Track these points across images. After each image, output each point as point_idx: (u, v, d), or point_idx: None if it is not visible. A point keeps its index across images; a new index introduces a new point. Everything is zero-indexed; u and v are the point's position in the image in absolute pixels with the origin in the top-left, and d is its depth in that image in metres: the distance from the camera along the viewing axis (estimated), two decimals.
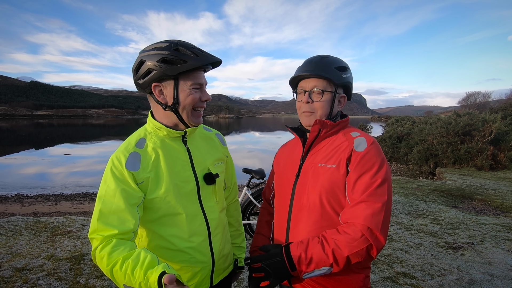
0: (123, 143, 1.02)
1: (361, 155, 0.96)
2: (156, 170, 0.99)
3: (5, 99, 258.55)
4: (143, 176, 0.96)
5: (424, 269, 2.83)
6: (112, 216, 0.90)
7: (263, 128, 58.00)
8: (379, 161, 0.96)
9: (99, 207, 0.91)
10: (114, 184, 0.92)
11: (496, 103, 34.67)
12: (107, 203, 0.91)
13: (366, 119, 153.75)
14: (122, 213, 0.90)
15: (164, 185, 0.98)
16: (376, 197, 0.91)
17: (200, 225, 1.05)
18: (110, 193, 0.92)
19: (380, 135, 16.40)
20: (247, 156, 17.14)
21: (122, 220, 0.90)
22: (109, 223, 0.89)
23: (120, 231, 0.89)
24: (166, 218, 1.01)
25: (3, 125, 59.75)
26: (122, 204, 0.91)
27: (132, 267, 0.80)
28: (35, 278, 2.48)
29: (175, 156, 1.04)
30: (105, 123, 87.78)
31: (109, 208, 0.90)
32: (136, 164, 0.97)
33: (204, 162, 1.10)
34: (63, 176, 11.25)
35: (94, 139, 29.49)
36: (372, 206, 0.89)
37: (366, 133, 1.05)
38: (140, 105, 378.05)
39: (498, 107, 21.14)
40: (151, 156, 1.00)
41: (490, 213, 4.83)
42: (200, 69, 1.00)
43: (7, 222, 3.82)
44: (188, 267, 1.03)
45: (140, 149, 1.00)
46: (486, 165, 9.07)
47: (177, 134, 1.04)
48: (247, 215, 3.30)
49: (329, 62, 1.06)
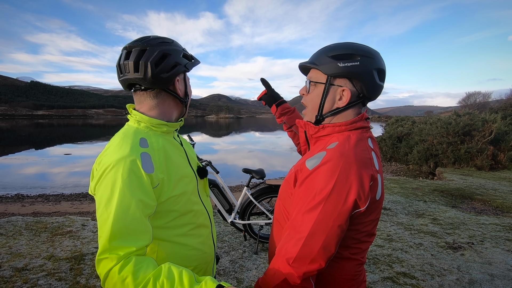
0: (123, 145, 0.86)
1: (305, 175, 0.82)
2: (168, 171, 0.92)
3: (5, 99, 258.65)
4: (159, 178, 0.88)
5: (424, 269, 2.83)
6: (127, 232, 0.78)
7: (263, 128, 58.00)
8: (321, 185, 0.77)
9: (110, 225, 0.76)
10: (129, 194, 0.79)
11: (496, 103, 34.67)
12: (120, 218, 0.77)
13: None
14: (138, 227, 0.79)
15: (177, 185, 0.94)
16: (296, 228, 0.79)
17: (205, 218, 1.07)
18: (124, 206, 0.78)
19: (380, 135, 16.40)
20: (247, 156, 17.14)
21: (139, 234, 0.79)
22: (125, 241, 0.76)
23: (137, 247, 0.78)
24: (178, 219, 0.96)
25: (3, 125, 59.76)
26: (138, 218, 0.80)
27: (170, 285, 0.70)
28: (35, 278, 2.48)
29: (178, 153, 1.02)
30: (105, 123, 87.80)
31: (122, 224, 0.77)
32: (151, 165, 0.87)
33: (193, 156, 1.13)
34: (63, 176, 11.25)
35: (94, 139, 29.50)
36: (290, 237, 0.80)
37: (348, 145, 0.83)
38: None
39: (498, 107, 21.14)
40: (159, 156, 0.92)
41: (490, 213, 4.83)
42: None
43: (7, 222, 3.82)
44: (201, 264, 1.04)
45: (146, 148, 0.90)
46: (486, 165, 9.07)
47: (178, 127, 1.05)
48: (247, 215, 3.30)
49: (326, 49, 0.91)
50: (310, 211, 0.77)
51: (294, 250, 0.76)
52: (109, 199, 0.79)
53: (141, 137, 0.92)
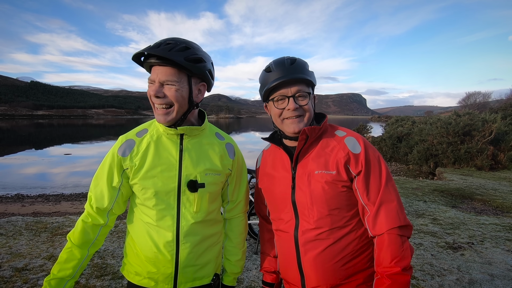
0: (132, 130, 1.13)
1: (361, 157, 0.96)
2: (141, 162, 1.05)
3: (5, 99, 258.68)
4: (128, 164, 1.06)
5: (424, 269, 2.83)
6: (96, 192, 1.08)
7: (263, 128, 58.00)
8: (378, 158, 0.99)
9: (92, 183, 1.11)
10: (107, 163, 1.08)
11: (496, 103, 34.65)
12: (97, 179, 1.09)
13: (366, 119, 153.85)
14: (103, 191, 1.07)
15: (144, 175, 1.04)
16: (389, 195, 0.95)
17: (169, 226, 1.05)
18: (101, 171, 1.09)
19: (380, 135, 16.39)
20: (247, 156, 17.06)
21: (102, 198, 1.07)
22: (93, 198, 1.08)
23: (99, 206, 1.08)
24: (143, 207, 1.08)
25: (3, 125, 59.76)
26: (105, 182, 1.07)
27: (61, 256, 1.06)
28: (35, 278, 2.48)
29: (165, 154, 1.06)
30: (105, 123, 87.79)
31: (95, 185, 1.09)
32: (127, 151, 1.07)
33: (194, 168, 1.07)
34: (63, 176, 11.24)
35: (94, 139, 29.49)
36: (390, 206, 0.94)
37: (351, 131, 1.05)
38: (140, 105, 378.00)
39: (498, 107, 21.13)
40: (143, 147, 1.07)
41: (490, 213, 4.83)
42: (148, 63, 0.99)
43: (7, 222, 3.82)
44: (153, 260, 1.06)
45: (138, 137, 1.09)
46: (486, 165, 9.07)
47: (172, 132, 1.05)
48: (247, 215, 3.31)
49: (303, 63, 1.05)
50: (388, 180, 0.97)
51: (401, 212, 0.94)
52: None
53: (144, 128, 1.12)
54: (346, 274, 0.97)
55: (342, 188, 0.97)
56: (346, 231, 0.98)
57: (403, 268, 0.87)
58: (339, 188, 0.97)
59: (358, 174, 0.96)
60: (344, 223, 0.98)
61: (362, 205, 0.96)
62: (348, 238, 0.98)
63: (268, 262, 1.22)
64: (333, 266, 0.97)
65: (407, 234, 0.92)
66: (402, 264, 0.88)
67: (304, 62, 1.06)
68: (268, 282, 1.21)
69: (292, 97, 1.01)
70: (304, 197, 1.00)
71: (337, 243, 0.97)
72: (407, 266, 0.88)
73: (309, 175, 1.00)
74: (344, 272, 0.97)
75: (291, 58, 1.05)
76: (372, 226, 0.94)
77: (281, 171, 1.08)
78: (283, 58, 1.05)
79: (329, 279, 0.97)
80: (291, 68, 1.01)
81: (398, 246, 0.89)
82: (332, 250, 0.97)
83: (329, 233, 0.97)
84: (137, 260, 1.10)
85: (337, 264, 0.97)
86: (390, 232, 0.91)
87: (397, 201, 0.95)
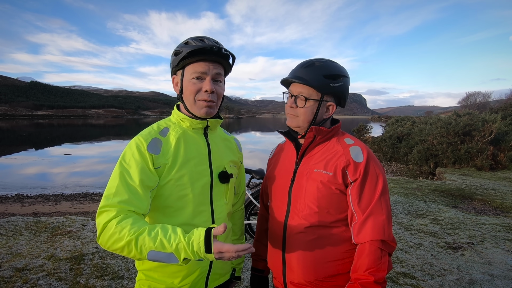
0: (145, 130, 1.02)
1: (361, 166, 0.98)
2: (174, 158, 0.99)
3: (5, 99, 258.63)
4: (161, 162, 0.97)
5: (424, 269, 2.83)
6: (130, 192, 0.89)
7: (263, 128, 58.01)
8: (378, 171, 1.00)
9: (116, 183, 0.90)
10: (134, 162, 0.93)
11: (496, 103, 34.65)
12: (127, 179, 0.91)
13: (366, 119, 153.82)
14: (139, 192, 0.91)
15: (179, 170, 0.99)
16: (380, 208, 0.96)
17: (205, 221, 1.03)
18: (131, 170, 0.92)
19: (380, 135, 16.39)
20: (247, 156, 17.15)
21: (139, 199, 0.90)
22: (128, 198, 0.88)
23: (136, 210, 0.89)
24: (173, 208, 1.00)
25: (3, 125, 59.76)
26: (140, 183, 0.91)
27: (163, 233, 0.81)
28: (35, 278, 2.48)
29: (195, 148, 1.05)
30: (105, 123, 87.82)
31: (127, 184, 0.90)
32: (157, 148, 0.98)
33: (222, 159, 1.11)
34: (63, 176, 11.24)
35: (94, 139, 29.49)
36: (378, 219, 0.95)
37: (359, 141, 1.07)
38: (140, 105, 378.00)
39: (498, 107, 21.12)
40: (171, 144, 1.01)
41: (490, 213, 4.83)
42: (199, 59, 0.99)
43: (7, 222, 3.82)
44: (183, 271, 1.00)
45: (162, 137, 1.02)
46: (486, 165, 9.07)
47: (200, 125, 1.05)
48: (247, 215, 3.30)
49: (319, 69, 1.02)
50: (382, 194, 0.98)
51: (388, 228, 0.95)
52: (119, 164, 0.95)
53: (165, 127, 1.06)
54: (327, 273, 1.01)
55: (335, 190, 1.00)
56: (332, 232, 1.01)
57: (376, 279, 0.88)
58: (333, 189, 1.00)
59: (354, 181, 0.98)
60: (330, 223, 1.01)
61: (352, 212, 0.98)
62: (332, 238, 1.01)
63: (261, 250, 1.27)
64: (314, 262, 1.01)
65: (389, 250, 0.94)
66: (376, 275, 0.89)
67: (325, 66, 1.03)
68: (258, 268, 1.27)
69: (294, 96, 1.07)
70: (299, 191, 1.05)
71: (321, 240, 1.02)
72: (381, 279, 0.89)
73: (308, 172, 1.05)
74: (325, 271, 1.01)
75: (317, 60, 1.06)
76: (356, 233, 0.96)
77: (287, 163, 1.15)
78: (310, 60, 1.09)
79: (309, 274, 1.02)
80: (306, 71, 1.05)
81: (376, 258, 0.91)
82: (315, 245, 1.02)
83: (315, 229, 1.02)
84: (164, 273, 1.01)
85: (319, 261, 1.01)
86: (372, 243, 0.92)
87: (387, 216, 0.96)
